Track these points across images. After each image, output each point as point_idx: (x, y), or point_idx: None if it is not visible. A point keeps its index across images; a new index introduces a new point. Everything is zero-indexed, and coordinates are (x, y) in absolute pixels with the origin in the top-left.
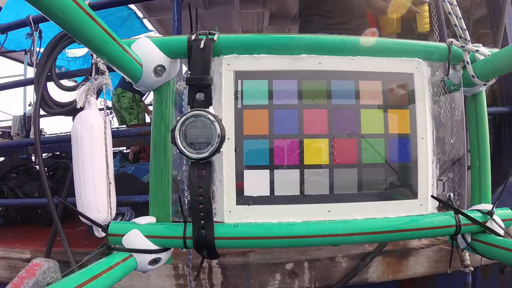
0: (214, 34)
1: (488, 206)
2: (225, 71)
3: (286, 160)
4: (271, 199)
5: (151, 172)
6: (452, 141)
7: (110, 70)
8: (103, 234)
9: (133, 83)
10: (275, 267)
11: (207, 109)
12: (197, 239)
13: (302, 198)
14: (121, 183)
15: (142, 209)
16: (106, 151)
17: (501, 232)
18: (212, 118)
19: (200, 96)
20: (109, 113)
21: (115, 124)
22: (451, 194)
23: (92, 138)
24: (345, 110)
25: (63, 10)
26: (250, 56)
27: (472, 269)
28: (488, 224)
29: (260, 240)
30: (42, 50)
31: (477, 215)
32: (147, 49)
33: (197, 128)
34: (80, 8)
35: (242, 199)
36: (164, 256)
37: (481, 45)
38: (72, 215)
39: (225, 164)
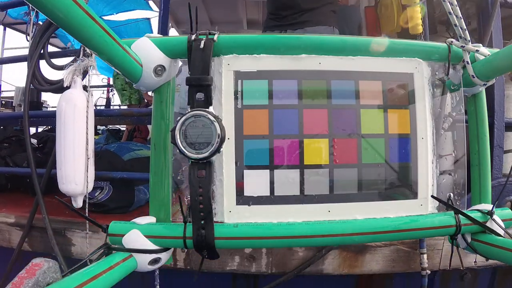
0: (214, 34)
1: (488, 206)
2: (225, 71)
3: (286, 160)
4: (271, 199)
5: (151, 172)
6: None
7: None
8: (81, 205)
9: (133, 83)
10: (234, 250)
11: (207, 109)
12: (197, 239)
13: (302, 198)
14: (102, 160)
15: (120, 186)
16: (87, 128)
17: (501, 232)
18: (212, 118)
19: (200, 96)
20: (103, 92)
21: (116, 101)
22: (451, 194)
23: (74, 115)
24: (345, 110)
25: (63, 9)
26: (250, 56)
27: (429, 272)
28: (488, 224)
29: (260, 240)
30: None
31: (477, 215)
32: (147, 49)
33: (197, 128)
34: (80, 8)
35: (242, 199)
36: (164, 256)
37: (481, 45)
38: (56, 186)
39: (225, 164)
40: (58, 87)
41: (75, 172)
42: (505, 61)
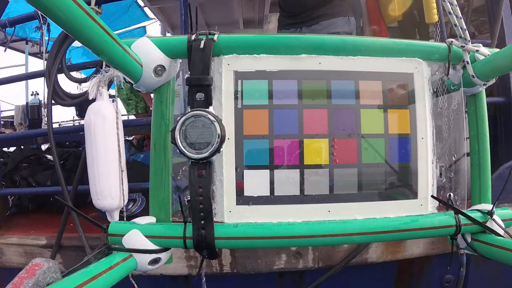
0: (214, 34)
1: (488, 206)
2: (225, 71)
3: (286, 160)
4: (271, 199)
5: (151, 172)
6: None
7: None
8: (117, 219)
9: (133, 83)
10: (281, 248)
11: (207, 109)
12: (197, 239)
13: (302, 198)
14: (132, 171)
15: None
16: (118, 140)
17: (501, 232)
18: (212, 118)
19: (200, 96)
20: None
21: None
22: (451, 194)
23: (104, 128)
24: (345, 110)
25: (63, 10)
26: (250, 56)
27: (467, 251)
28: (488, 224)
29: (260, 240)
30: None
31: (477, 215)
32: (147, 49)
33: (197, 128)
34: (80, 8)
35: (242, 199)
36: (164, 256)
37: (481, 45)
38: (83, 202)
39: (225, 164)
40: (83, 101)
41: (110, 186)
42: (505, 61)
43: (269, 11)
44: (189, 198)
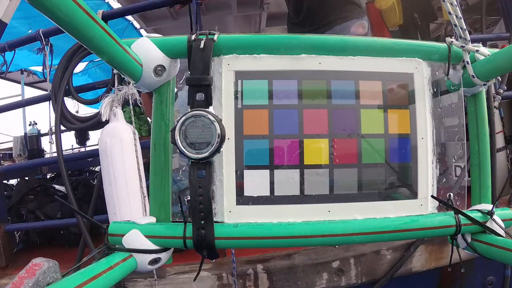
0: (214, 34)
1: (488, 206)
2: (225, 71)
3: (286, 160)
4: (271, 199)
5: (151, 172)
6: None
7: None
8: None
9: (133, 83)
10: (321, 267)
11: (207, 109)
12: (197, 239)
13: (302, 198)
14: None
15: None
16: (138, 163)
17: (501, 232)
18: (212, 118)
19: (200, 96)
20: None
21: None
22: (451, 194)
23: (123, 151)
24: (345, 110)
25: (63, 10)
26: (250, 56)
27: None
28: (488, 224)
29: (260, 240)
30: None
31: (477, 215)
32: (147, 49)
33: (197, 128)
34: (80, 8)
35: (242, 199)
36: (164, 256)
37: (481, 45)
38: (97, 234)
39: (225, 164)
40: (94, 123)
41: (132, 213)
42: (505, 61)
43: (265, 25)
44: (189, 198)
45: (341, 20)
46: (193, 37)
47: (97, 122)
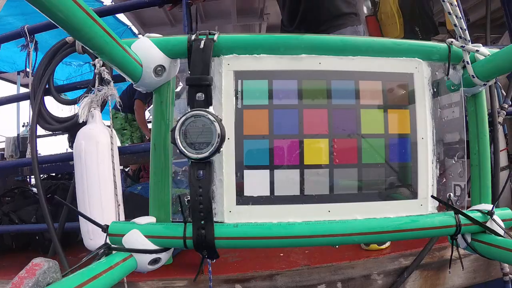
0: (214, 34)
1: (488, 206)
2: (225, 71)
3: (286, 160)
4: (271, 199)
5: (151, 172)
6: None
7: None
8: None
9: (133, 83)
10: None
11: (207, 109)
12: (197, 239)
13: (302, 198)
14: (128, 204)
15: None
16: (114, 169)
17: (501, 232)
18: (212, 118)
19: (200, 96)
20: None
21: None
22: (451, 194)
23: (98, 155)
24: (345, 110)
25: (63, 9)
26: (250, 56)
27: None
28: (488, 224)
29: (260, 240)
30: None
31: (477, 215)
32: (147, 49)
33: (197, 128)
34: (80, 8)
35: (242, 199)
36: (164, 256)
37: (481, 45)
38: (72, 242)
39: (225, 164)
40: (71, 124)
41: (104, 221)
42: (505, 61)
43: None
44: (189, 198)
45: (335, 28)
46: (193, 37)
47: (74, 124)
